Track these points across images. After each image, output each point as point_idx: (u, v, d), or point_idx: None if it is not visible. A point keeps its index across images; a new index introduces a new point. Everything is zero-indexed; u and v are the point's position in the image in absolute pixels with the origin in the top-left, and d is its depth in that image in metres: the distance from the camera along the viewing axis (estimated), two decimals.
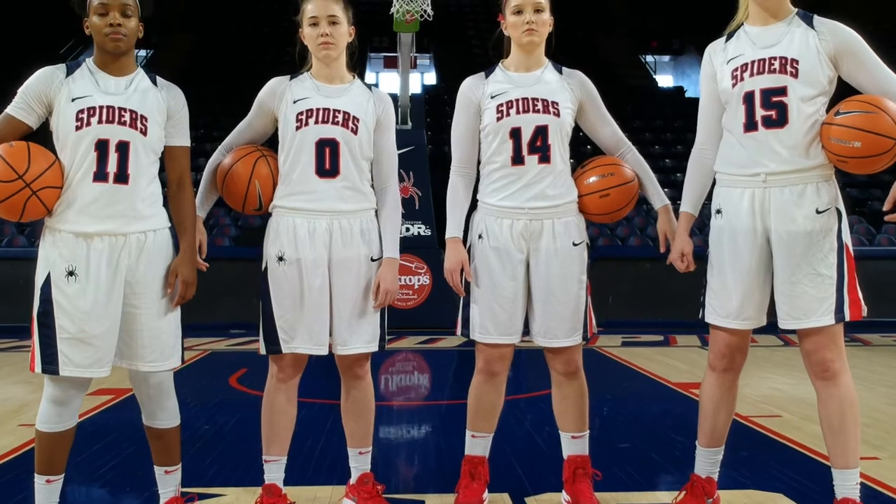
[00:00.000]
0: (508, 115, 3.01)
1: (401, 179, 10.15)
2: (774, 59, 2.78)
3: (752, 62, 2.82)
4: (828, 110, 2.80)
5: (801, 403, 5.19)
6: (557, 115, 3.03)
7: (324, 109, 2.96)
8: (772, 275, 2.84)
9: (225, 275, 7.88)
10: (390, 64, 23.39)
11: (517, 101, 3.02)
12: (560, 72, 3.17)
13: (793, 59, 2.76)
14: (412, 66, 11.92)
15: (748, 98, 2.80)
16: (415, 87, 14.61)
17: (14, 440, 4.28)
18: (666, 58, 27.72)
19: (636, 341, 9.02)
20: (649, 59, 27.62)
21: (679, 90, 23.11)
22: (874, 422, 4.67)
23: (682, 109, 21.48)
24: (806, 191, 2.77)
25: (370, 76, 25.40)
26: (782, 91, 2.75)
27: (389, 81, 23.48)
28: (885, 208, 2.68)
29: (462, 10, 26.09)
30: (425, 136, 10.14)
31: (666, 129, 20.03)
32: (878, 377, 6.44)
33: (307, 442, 4.16)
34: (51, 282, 2.62)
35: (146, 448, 2.92)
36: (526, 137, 3.00)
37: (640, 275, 10.43)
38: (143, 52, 27.08)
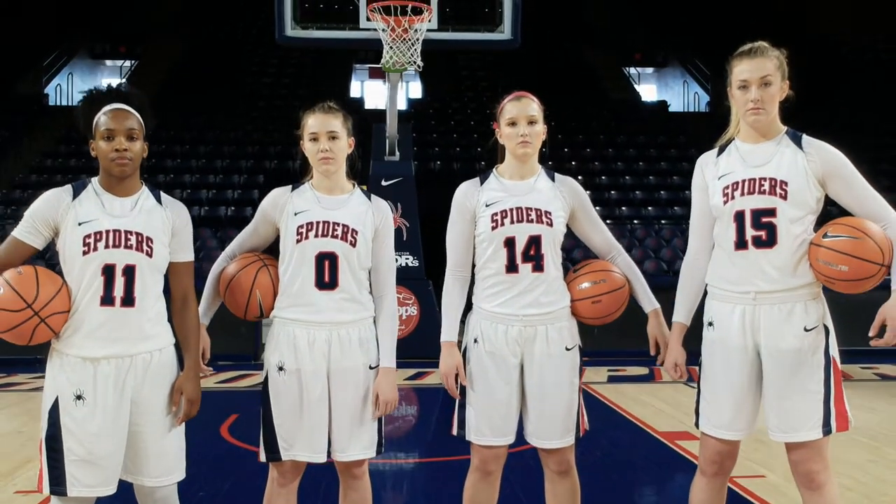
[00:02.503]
0: (503, 224, 3.10)
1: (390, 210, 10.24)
2: (764, 179, 2.88)
3: (743, 181, 2.91)
4: (816, 227, 2.91)
5: (786, 460, 5.30)
6: (550, 224, 3.12)
7: (323, 222, 3.03)
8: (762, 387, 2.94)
9: None
10: (375, 74, 23.34)
11: (511, 210, 3.11)
12: (553, 179, 3.26)
13: (782, 181, 2.85)
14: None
15: (739, 217, 2.90)
16: (400, 103, 14.63)
17: None
18: (650, 70, 27.92)
19: (622, 375, 9.14)
20: (633, 70, 27.79)
21: (662, 104, 23.26)
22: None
23: (665, 124, 21.64)
24: (795, 309, 2.86)
25: (355, 86, 25.41)
26: (772, 212, 2.85)
27: (374, 91, 23.50)
28: (870, 333, 2.78)
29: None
30: (413, 168, 10.21)
31: (649, 144, 20.14)
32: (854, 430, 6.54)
33: None
34: (59, 406, 2.68)
35: None
36: (520, 247, 3.09)
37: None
38: (127, 63, 26.98)
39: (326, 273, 2.98)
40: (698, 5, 27.80)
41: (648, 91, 27.53)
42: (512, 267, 3.09)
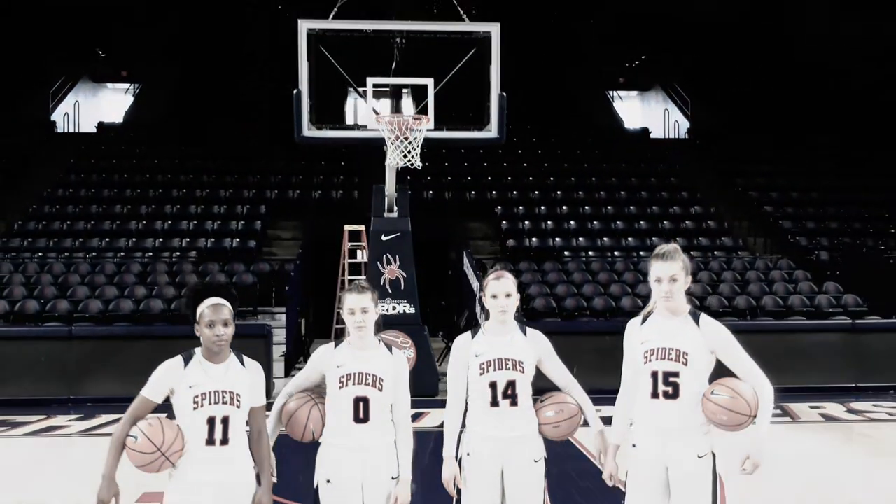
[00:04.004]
0: (488, 371, 4.20)
1: (388, 262, 11.32)
2: (672, 349, 4.00)
3: (657, 349, 4.04)
4: (710, 380, 4.04)
5: None
6: (523, 371, 4.23)
7: (358, 373, 4.12)
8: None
9: None
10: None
11: (493, 360, 4.21)
12: (525, 333, 4.37)
13: (685, 352, 3.98)
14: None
15: (653, 375, 4.02)
16: None
17: None
18: (633, 93, 28.98)
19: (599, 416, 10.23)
20: (617, 94, 28.86)
21: (644, 131, 24.33)
22: None
23: (646, 152, 22.71)
24: (691, 441, 3.99)
25: (350, 104, 26.43)
26: (676, 374, 3.98)
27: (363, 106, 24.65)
28: (739, 466, 3.93)
29: None
30: (409, 224, 11.28)
31: (631, 172, 21.17)
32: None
33: None
34: None
35: None
36: (500, 388, 4.20)
37: (603, 347, 11.64)
38: (130, 85, 27.84)
39: (361, 412, 4.08)
40: (682, 32, 28.88)
41: (631, 110, 28.61)
42: (494, 402, 4.20)
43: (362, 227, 14.09)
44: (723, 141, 23.05)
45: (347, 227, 14.08)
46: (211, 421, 3.75)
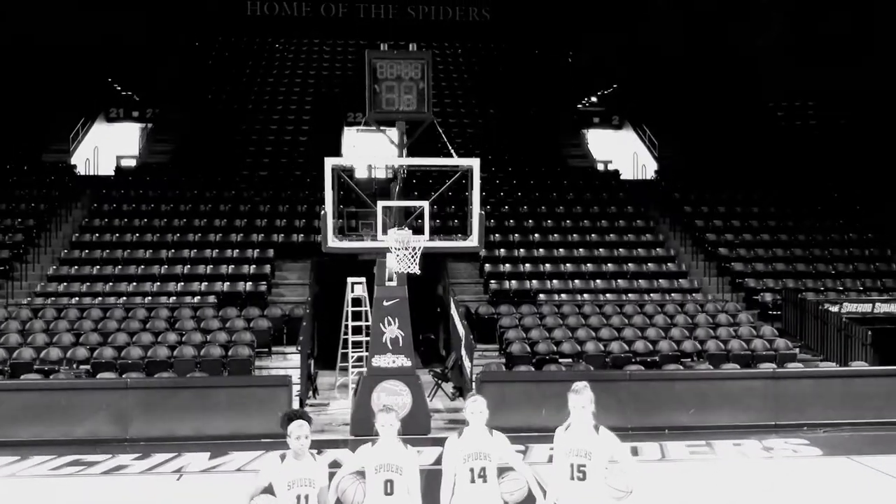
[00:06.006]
0: (468, 461, 6.49)
1: (388, 323, 13.60)
2: (583, 449, 6.32)
3: (574, 448, 6.35)
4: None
5: None
6: (491, 460, 6.53)
7: (387, 463, 6.39)
8: None
9: None
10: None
11: (472, 453, 6.50)
12: (492, 434, 6.65)
13: (590, 451, 6.30)
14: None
15: (571, 465, 6.33)
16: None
17: None
18: (609, 131, 31.35)
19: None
20: (591, 132, 31.24)
21: (615, 174, 26.58)
22: None
23: (616, 193, 25.05)
24: None
25: (349, 133, 28.68)
26: (585, 466, 6.30)
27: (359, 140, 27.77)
28: None
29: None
30: (406, 291, 13.56)
31: (602, 216, 23.51)
32: None
33: None
34: None
35: None
36: (476, 471, 6.48)
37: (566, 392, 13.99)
38: (141, 125, 29.99)
39: (388, 488, 6.35)
40: (653, 75, 31.38)
41: (604, 141, 30.94)
42: (472, 480, 6.49)
43: (363, 279, 16.28)
44: (685, 182, 25.46)
45: (350, 280, 16.26)
46: (298, 497, 6.03)
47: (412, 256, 11.17)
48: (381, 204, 11.25)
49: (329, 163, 11.26)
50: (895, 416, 13.91)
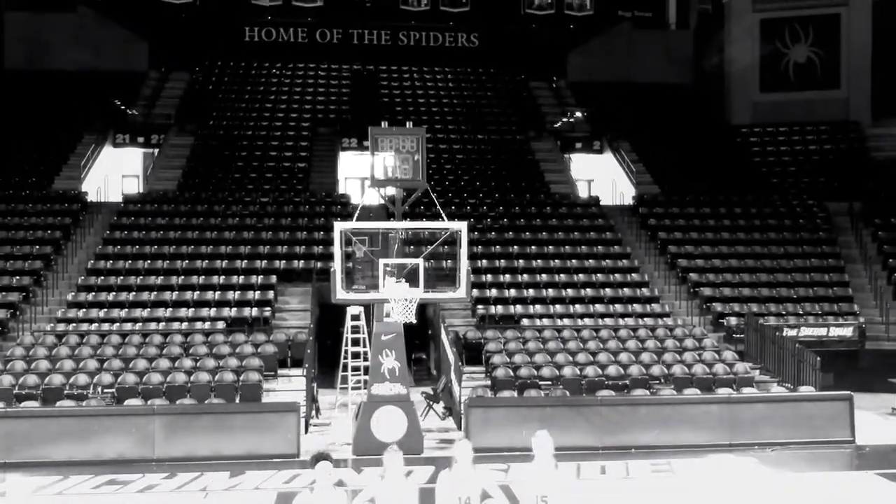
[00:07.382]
0: (455, 493, 8.14)
1: (386, 356, 15.26)
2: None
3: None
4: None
5: None
6: (476, 493, 8.16)
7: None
8: None
9: None
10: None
11: (460, 488, 8.15)
12: (475, 468, 8.29)
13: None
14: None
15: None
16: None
17: None
18: (590, 155, 33.08)
19: None
20: (575, 156, 32.98)
21: (596, 200, 28.28)
22: None
23: (595, 219, 26.78)
24: None
25: (344, 157, 30.35)
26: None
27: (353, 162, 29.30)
28: None
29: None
30: (402, 327, 15.21)
31: (582, 241, 25.22)
32: None
33: None
34: None
35: None
36: (463, 500, 8.14)
37: (544, 416, 15.65)
38: (148, 150, 31.57)
39: None
40: (631, 102, 33.18)
41: (586, 166, 32.68)
42: None
43: (360, 309, 17.88)
44: (659, 207, 27.24)
45: (350, 312, 17.88)
46: None
47: (408, 307, 12.83)
48: (381, 261, 12.92)
49: (338, 227, 12.93)
50: (838, 437, 15.60)
